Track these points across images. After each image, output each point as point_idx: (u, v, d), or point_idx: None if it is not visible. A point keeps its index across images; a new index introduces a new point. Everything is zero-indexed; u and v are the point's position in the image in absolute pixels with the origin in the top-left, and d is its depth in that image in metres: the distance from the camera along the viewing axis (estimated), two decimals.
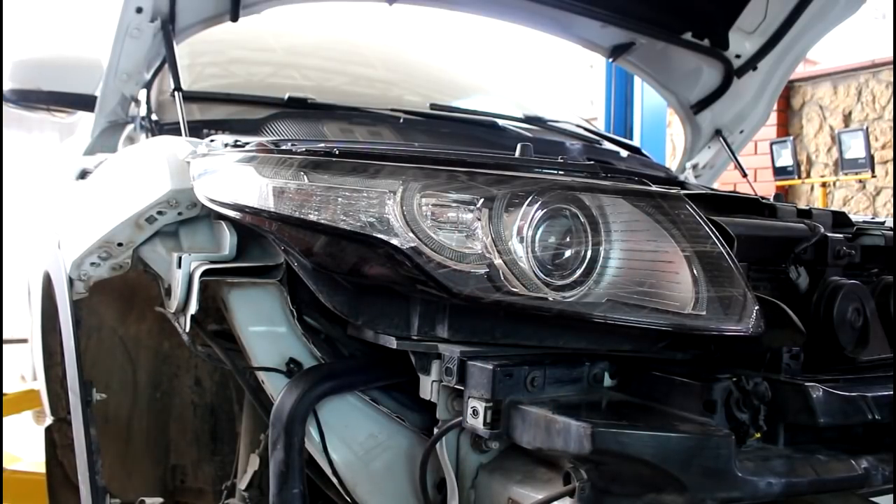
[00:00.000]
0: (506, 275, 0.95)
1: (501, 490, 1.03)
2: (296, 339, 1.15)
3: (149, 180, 1.25)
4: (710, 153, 2.55)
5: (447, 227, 0.96)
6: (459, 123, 2.06)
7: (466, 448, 1.07)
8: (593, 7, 2.19)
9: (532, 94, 2.77)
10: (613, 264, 0.98)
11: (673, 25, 2.28)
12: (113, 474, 1.67)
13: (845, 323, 1.13)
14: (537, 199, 0.97)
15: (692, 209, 1.02)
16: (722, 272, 0.99)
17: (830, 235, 1.20)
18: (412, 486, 1.10)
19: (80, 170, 1.76)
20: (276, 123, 1.82)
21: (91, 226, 1.32)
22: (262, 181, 1.05)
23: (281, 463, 1.03)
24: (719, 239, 1.01)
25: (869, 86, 6.31)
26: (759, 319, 0.99)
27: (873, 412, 1.05)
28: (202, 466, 1.71)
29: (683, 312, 0.97)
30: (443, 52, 2.93)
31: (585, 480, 0.92)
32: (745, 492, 0.92)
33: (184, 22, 1.76)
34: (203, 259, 1.15)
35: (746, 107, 2.43)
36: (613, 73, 5.18)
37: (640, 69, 2.50)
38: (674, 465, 0.88)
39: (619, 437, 0.87)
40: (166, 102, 1.79)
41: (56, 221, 1.80)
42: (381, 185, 0.98)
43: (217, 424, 1.71)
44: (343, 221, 0.97)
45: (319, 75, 2.41)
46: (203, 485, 1.71)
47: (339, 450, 1.10)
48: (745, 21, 2.26)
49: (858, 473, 1.01)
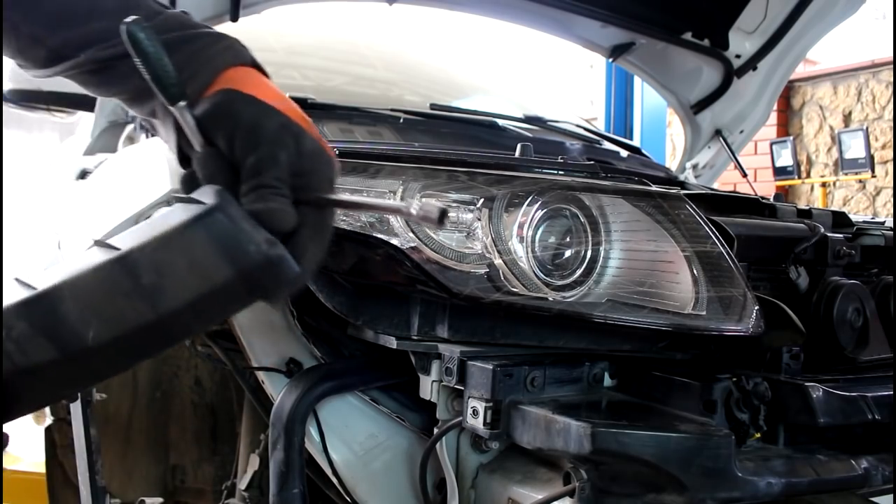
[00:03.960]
0: (506, 275, 0.95)
1: (501, 490, 1.03)
2: (296, 339, 1.15)
3: (149, 180, 1.25)
4: (710, 153, 2.55)
5: (447, 227, 0.96)
6: (459, 123, 2.06)
7: (466, 448, 1.07)
8: (593, 7, 2.19)
9: (532, 94, 2.77)
10: (613, 264, 0.98)
11: (673, 25, 2.28)
12: (113, 474, 1.67)
13: (845, 323, 1.13)
14: (537, 199, 0.97)
15: (692, 209, 1.02)
16: (722, 272, 0.99)
17: (830, 235, 1.20)
18: (412, 486, 1.10)
19: (80, 170, 1.76)
20: None
21: (91, 226, 1.32)
22: None
23: (281, 463, 1.03)
24: (719, 239, 1.01)
25: (869, 86, 6.32)
26: (759, 319, 0.99)
27: (873, 412, 1.05)
28: (202, 466, 1.71)
29: (683, 312, 0.97)
30: (443, 52, 2.93)
31: (585, 480, 0.92)
32: (745, 492, 0.92)
33: None
34: None
35: (746, 107, 2.43)
36: (613, 73, 5.18)
37: (640, 69, 2.50)
38: (674, 465, 0.88)
39: (619, 437, 0.87)
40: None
41: (56, 221, 1.80)
42: (381, 185, 0.98)
43: (217, 424, 1.71)
44: (343, 221, 0.97)
45: (319, 75, 2.41)
46: (203, 485, 1.71)
47: (339, 450, 1.10)
48: (745, 21, 2.26)
49: (858, 473, 1.01)
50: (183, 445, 1.72)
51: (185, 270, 0.62)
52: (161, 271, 0.62)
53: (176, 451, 1.73)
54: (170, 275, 0.62)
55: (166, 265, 0.62)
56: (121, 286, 0.61)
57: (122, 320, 0.61)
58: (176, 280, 0.62)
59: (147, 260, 0.62)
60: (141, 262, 0.62)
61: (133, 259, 0.62)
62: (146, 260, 0.62)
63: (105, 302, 0.61)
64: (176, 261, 0.62)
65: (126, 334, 0.61)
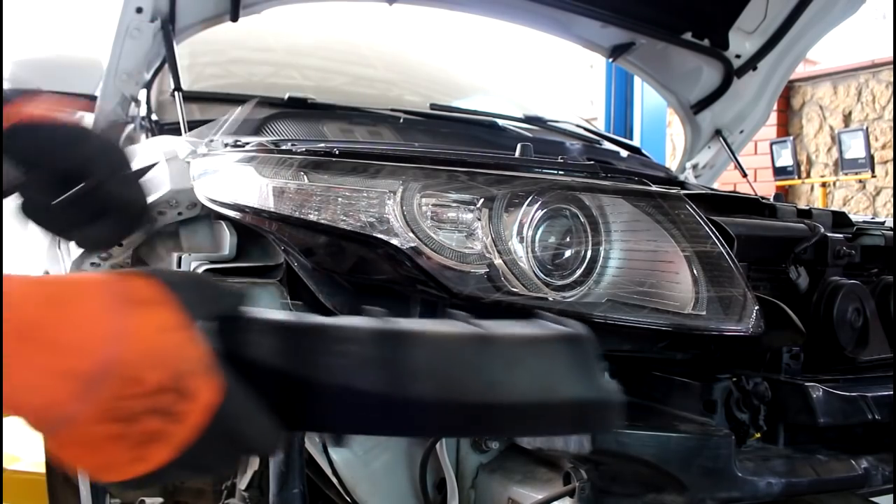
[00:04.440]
0: (506, 275, 0.95)
1: (501, 490, 1.03)
2: None
3: (149, 180, 1.25)
4: (710, 153, 2.55)
5: (447, 227, 0.96)
6: (459, 123, 2.06)
7: (466, 448, 1.07)
8: (593, 7, 2.19)
9: (532, 94, 2.77)
10: (613, 264, 0.98)
11: (673, 25, 2.28)
12: None
13: (845, 323, 1.13)
14: (537, 199, 0.97)
15: (692, 209, 1.02)
16: (722, 272, 0.99)
17: (830, 235, 1.20)
18: (412, 486, 1.10)
19: None
20: (277, 123, 1.82)
21: None
22: (262, 181, 1.05)
23: (281, 463, 1.03)
24: (719, 239, 1.01)
25: (869, 86, 6.32)
26: (759, 319, 0.99)
27: (873, 412, 1.05)
28: None
29: (683, 312, 0.97)
30: (443, 52, 2.93)
31: (585, 480, 0.92)
32: (745, 492, 0.92)
33: (184, 22, 1.76)
34: (203, 259, 1.15)
35: (746, 107, 2.43)
36: (613, 73, 5.18)
37: (640, 69, 2.50)
38: (674, 465, 0.88)
39: (619, 437, 0.87)
40: (166, 102, 1.79)
41: None
42: (381, 185, 0.98)
43: None
44: (343, 221, 0.97)
45: (319, 75, 2.41)
46: (203, 485, 1.71)
47: (339, 450, 1.10)
48: (745, 21, 2.26)
49: (858, 473, 1.01)
50: None
51: (533, 374, 0.63)
52: (511, 364, 0.62)
53: None
54: (518, 371, 0.62)
55: (519, 361, 0.63)
56: (469, 359, 0.62)
57: (453, 389, 0.61)
58: (521, 378, 0.62)
59: (504, 349, 0.63)
60: (498, 348, 0.63)
61: (493, 341, 0.63)
62: (503, 348, 0.63)
63: (448, 365, 0.62)
64: (531, 362, 0.63)
65: (448, 402, 0.61)
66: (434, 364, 0.61)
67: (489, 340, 0.63)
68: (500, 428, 0.67)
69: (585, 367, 0.65)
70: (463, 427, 0.65)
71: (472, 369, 0.62)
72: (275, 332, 0.60)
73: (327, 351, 0.60)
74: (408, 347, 0.61)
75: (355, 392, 0.60)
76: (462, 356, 0.62)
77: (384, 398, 0.60)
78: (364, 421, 0.62)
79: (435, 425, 0.64)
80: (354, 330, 0.61)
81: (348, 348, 0.60)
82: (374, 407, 0.60)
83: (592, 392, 0.64)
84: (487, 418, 0.63)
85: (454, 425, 0.64)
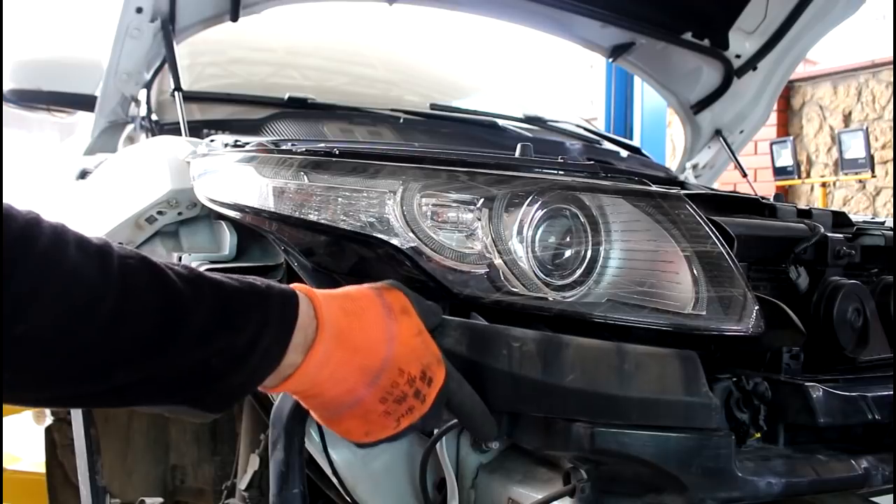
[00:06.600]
0: (506, 275, 0.95)
1: (501, 490, 1.03)
2: None
3: (149, 180, 1.25)
4: (710, 153, 2.55)
5: (447, 227, 0.96)
6: (459, 123, 2.06)
7: (466, 448, 1.07)
8: (593, 7, 2.19)
9: (532, 94, 2.77)
10: (613, 264, 0.98)
11: (673, 25, 2.28)
12: (113, 474, 1.67)
13: (845, 323, 1.13)
14: (537, 199, 0.97)
15: (692, 209, 1.02)
16: (722, 272, 0.99)
17: (830, 235, 1.20)
18: (412, 486, 1.10)
19: (80, 170, 1.76)
20: (277, 123, 1.82)
21: (91, 226, 1.32)
22: (262, 181, 1.05)
23: (281, 463, 1.03)
24: (719, 239, 1.01)
25: (869, 86, 6.32)
26: (759, 319, 0.99)
27: (873, 412, 1.04)
28: (202, 466, 1.71)
29: (683, 312, 0.97)
30: (443, 52, 2.93)
31: (585, 480, 0.92)
32: (745, 492, 0.92)
33: (184, 22, 1.76)
34: (203, 259, 1.15)
35: (746, 107, 2.43)
36: (613, 73, 5.18)
37: (640, 69, 2.50)
38: (674, 465, 0.88)
39: (619, 437, 0.87)
40: (166, 102, 1.79)
41: (56, 221, 1.80)
42: (381, 185, 0.98)
43: (217, 424, 1.70)
44: (343, 221, 0.97)
45: (319, 75, 2.41)
46: (203, 485, 1.71)
47: (339, 450, 1.10)
48: (745, 21, 2.26)
49: (858, 473, 1.01)
50: (183, 445, 1.72)
51: (656, 376, 0.88)
52: (640, 368, 0.87)
53: (176, 452, 1.72)
54: (643, 373, 0.87)
55: (645, 366, 0.88)
56: (610, 361, 0.87)
57: (594, 382, 0.85)
58: (645, 378, 0.87)
59: (638, 356, 0.88)
60: (631, 355, 0.88)
61: (625, 350, 0.88)
62: (637, 356, 0.88)
63: (593, 364, 0.86)
64: (653, 367, 0.88)
65: (587, 393, 0.85)
66: (578, 363, 0.85)
67: (622, 350, 0.88)
68: (626, 415, 0.86)
69: (693, 378, 0.89)
70: (596, 412, 0.85)
71: (608, 369, 0.86)
72: (470, 333, 0.86)
73: (505, 346, 0.85)
74: (562, 349, 0.86)
75: (518, 378, 0.84)
76: (602, 360, 0.87)
77: (540, 384, 0.84)
78: (522, 400, 0.85)
79: (573, 409, 0.85)
80: (523, 333, 0.86)
81: (518, 346, 0.85)
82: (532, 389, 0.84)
83: (696, 396, 0.89)
84: (615, 406, 0.85)
85: (590, 410, 0.85)
